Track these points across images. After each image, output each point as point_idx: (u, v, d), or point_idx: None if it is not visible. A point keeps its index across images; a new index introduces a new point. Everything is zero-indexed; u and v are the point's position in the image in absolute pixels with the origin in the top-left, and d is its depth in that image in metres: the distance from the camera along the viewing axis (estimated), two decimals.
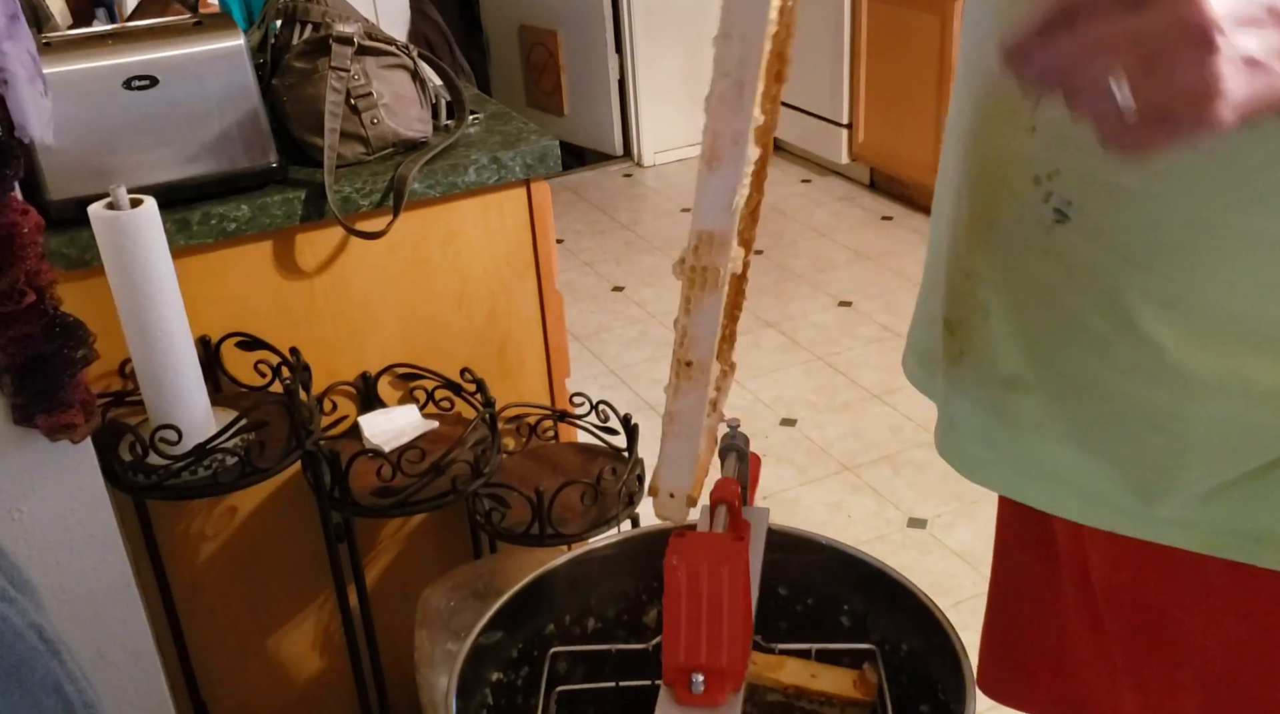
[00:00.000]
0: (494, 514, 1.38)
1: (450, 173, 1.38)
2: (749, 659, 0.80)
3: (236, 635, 1.54)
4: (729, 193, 0.61)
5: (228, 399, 1.36)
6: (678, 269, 0.66)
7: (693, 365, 0.67)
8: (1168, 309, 0.63)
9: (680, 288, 0.66)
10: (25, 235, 1.02)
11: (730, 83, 0.57)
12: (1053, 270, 0.67)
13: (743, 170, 0.60)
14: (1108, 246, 0.63)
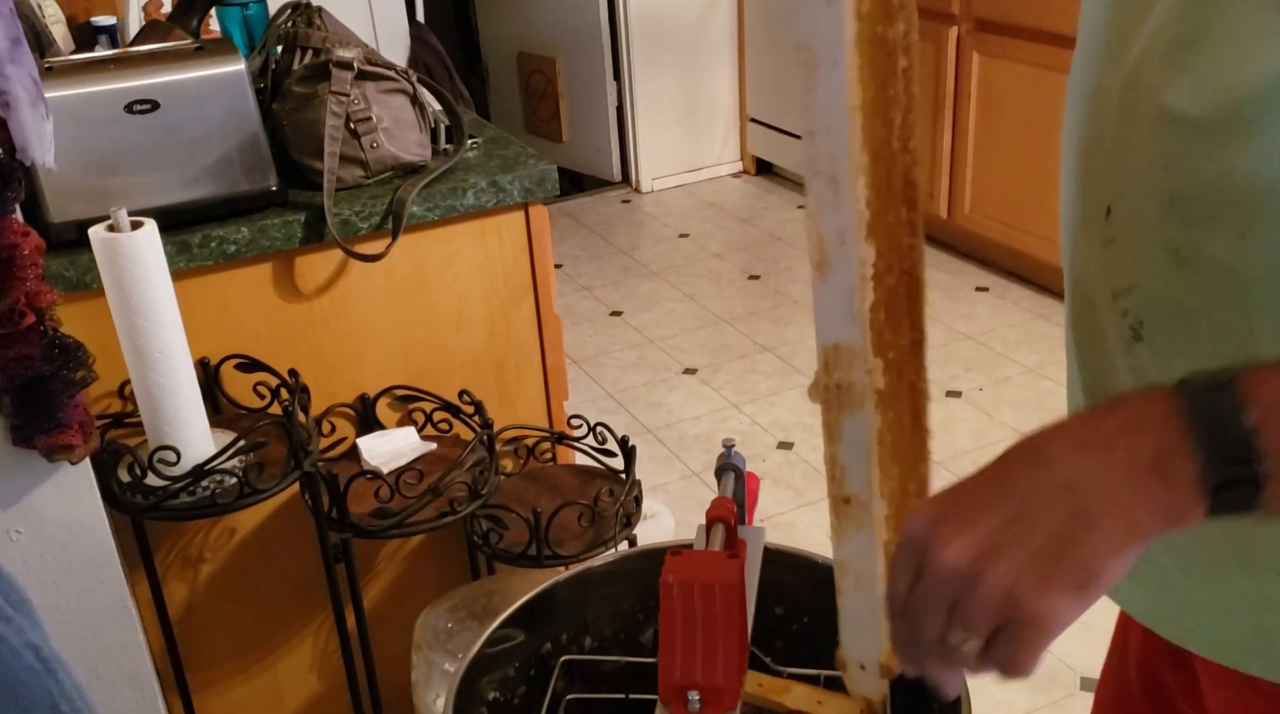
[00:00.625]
0: (492, 535, 1.39)
1: (449, 196, 1.39)
2: (746, 679, 0.80)
3: (233, 656, 1.54)
4: (847, 297, 0.55)
5: (226, 421, 1.36)
6: (813, 392, 0.59)
7: (851, 501, 0.59)
8: None
9: (820, 414, 0.57)
10: (25, 257, 1.03)
11: (824, 180, 0.52)
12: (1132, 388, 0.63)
13: (857, 272, 0.54)
14: (1180, 368, 0.55)
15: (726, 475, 0.95)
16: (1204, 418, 0.48)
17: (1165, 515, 0.49)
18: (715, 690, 0.77)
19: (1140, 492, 0.49)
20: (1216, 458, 0.47)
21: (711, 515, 0.88)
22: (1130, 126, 0.60)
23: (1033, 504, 0.50)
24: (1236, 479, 0.47)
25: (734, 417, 2.71)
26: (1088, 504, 0.49)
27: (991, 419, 2.64)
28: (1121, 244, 0.61)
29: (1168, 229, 0.57)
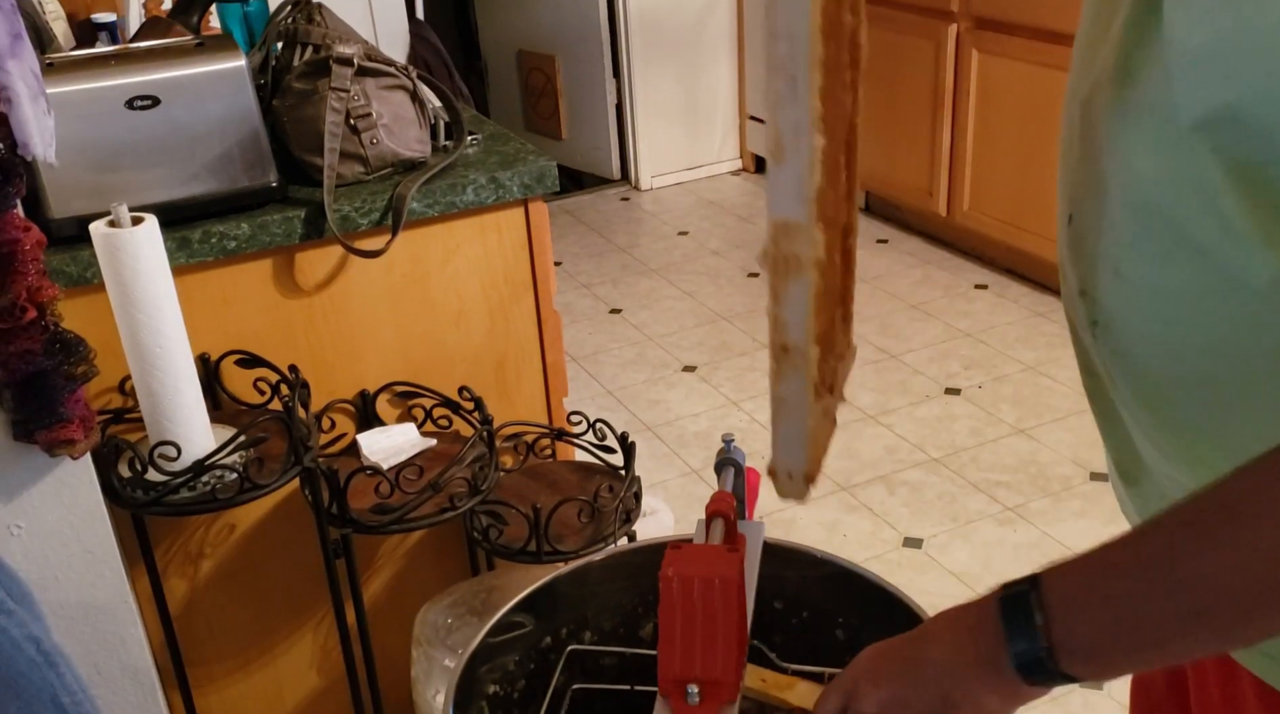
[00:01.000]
0: (491, 531, 1.39)
1: (448, 192, 1.39)
2: (749, 673, 0.80)
3: (233, 652, 1.54)
4: (797, 182, 0.62)
5: (227, 416, 1.37)
6: (762, 260, 0.67)
7: (789, 349, 0.69)
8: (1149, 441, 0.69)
9: (768, 279, 0.67)
10: (27, 252, 1.03)
11: (784, 78, 0.59)
12: (1097, 382, 0.73)
13: (808, 159, 0.62)
14: (1127, 365, 0.67)
15: (726, 470, 0.95)
16: (1009, 621, 0.61)
17: (1003, 696, 0.63)
18: (715, 683, 0.77)
19: (981, 681, 0.63)
20: (1019, 651, 0.60)
21: (711, 510, 0.88)
22: (1085, 142, 0.66)
23: (920, 682, 0.66)
24: (1038, 665, 0.60)
25: (733, 414, 2.71)
26: (950, 692, 0.65)
27: (990, 416, 2.64)
28: (1081, 250, 0.68)
29: (1108, 243, 0.64)
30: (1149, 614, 0.56)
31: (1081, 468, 2.42)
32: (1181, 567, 0.55)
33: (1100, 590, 0.58)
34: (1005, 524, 2.27)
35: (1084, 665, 0.59)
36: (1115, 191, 0.63)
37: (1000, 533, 2.25)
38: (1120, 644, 0.58)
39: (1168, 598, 0.55)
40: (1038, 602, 0.60)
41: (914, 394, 2.78)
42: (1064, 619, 0.59)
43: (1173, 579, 0.55)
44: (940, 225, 3.57)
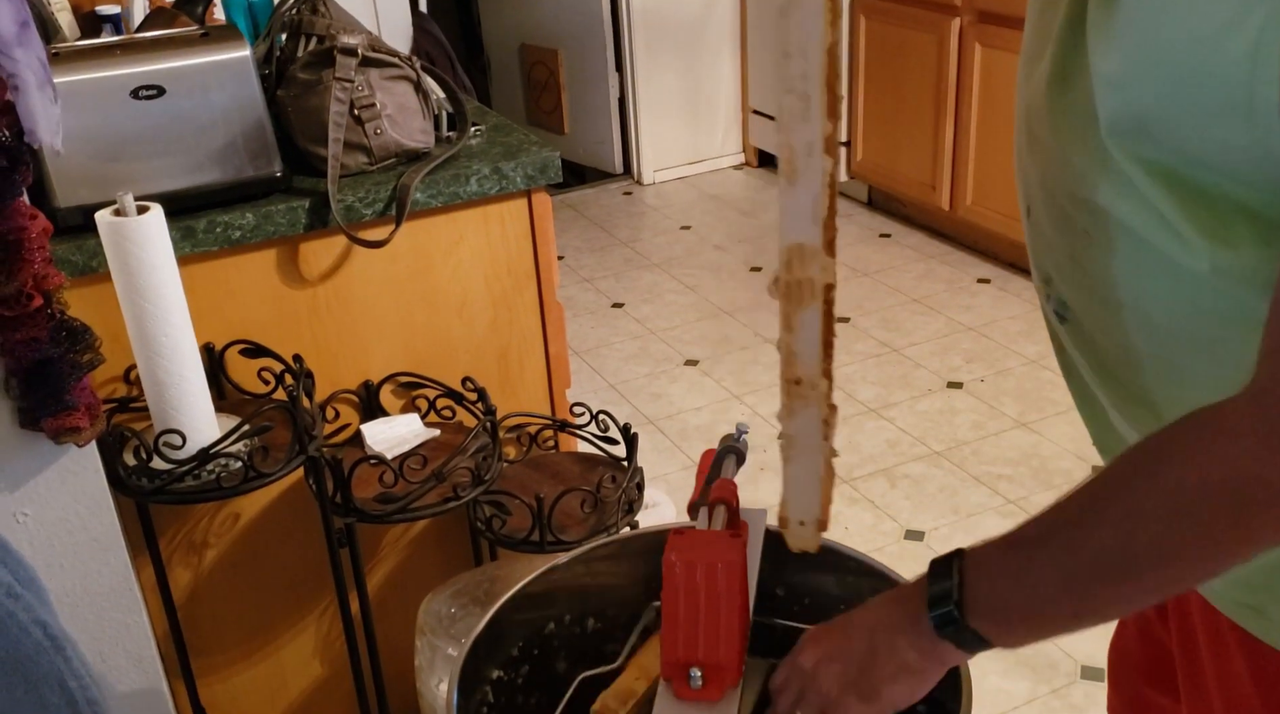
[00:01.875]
0: (495, 521, 1.39)
1: (452, 183, 1.39)
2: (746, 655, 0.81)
3: (237, 640, 1.55)
4: (811, 203, 0.62)
5: (231, 405, 1.37)
6: (773, 288, 0.67)
7: (802, 382, 0.68)
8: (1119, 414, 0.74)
9: (779, 306, 0.67)
10: (33, 240, 1.04)
11: (796, 97, 0.59)
12: (1068, 359, 0.79)
13: (821, 180, 0.62)
14: (1092, 348, 0.73)
15: (728, 458, 0.95)
16: (931, 582, 0.69)
17: (921, 651, 0.70)
18: (717, 667, 0.78)
19: (904, 634, 0.71)
20: (934, 606, 0.68)
21: (714, 497, 0.89)
22: (1032, 142, 0.72)
23: (851, 638, 0.74)
24: (949, 619, 0.68)
25: (735, 408, 2.72)
26: (876, 644, 0.72)
27: (993, 410, 2.65)
28: (1039, 240, 0.74)
29: (1064, 233, 0.70)
30: (1038, 576, 0.64)
31: (1083, 461, 2.42)
32: (1063, 536, 0.63)
33: (1005, 556, 0.67)
34: (1007, 517, 2.27)
35: (988, 622, 0.67)
36: (1060, 187, 0.69)
37: (1002, 526, 2.24)
38: (1017, 603, 0.66)
39: (1053, 562, 0.63)
40: (958, 566, 0.68)
41: (916, 387, 2.78)
42: (974, 581, 0.67)
43: (1056, 546, 0.64)
44: (943, 219, 3.57)
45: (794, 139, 0.61)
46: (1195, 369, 0.66)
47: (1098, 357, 0.73)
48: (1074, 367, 0.78)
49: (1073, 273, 0.71)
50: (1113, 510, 0.61)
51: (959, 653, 0.69)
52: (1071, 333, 0.75)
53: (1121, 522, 0.61)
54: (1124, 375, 0.71)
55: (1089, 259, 0.68)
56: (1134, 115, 0.60)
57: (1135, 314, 0.67)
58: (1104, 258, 0.67)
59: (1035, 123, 0.71)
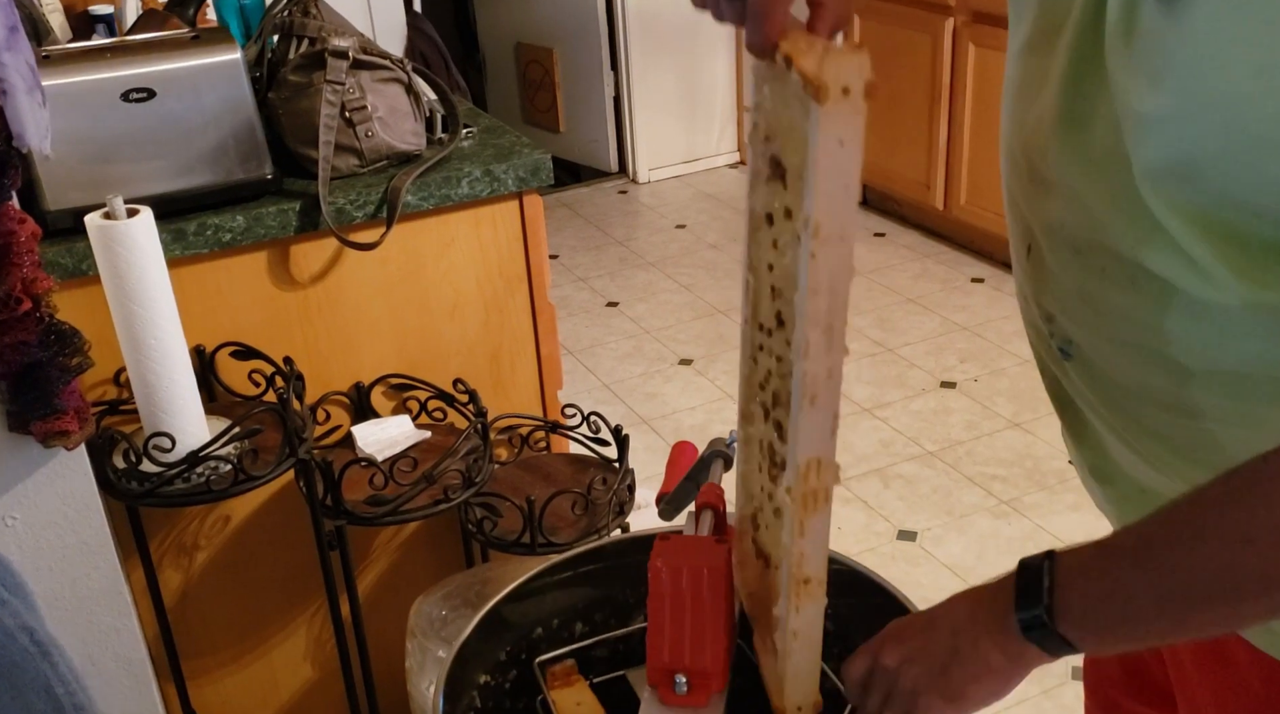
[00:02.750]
0: (486, 523, 1.39)
1: (443, 185, 1.39)
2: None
3: (228, 643, 1.55)
4: (830, 421, 0.66)
5: (222, 408, 1.37)
6: (786, 498, 0.70)
7: (810, 581, 0.72)
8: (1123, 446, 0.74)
9: (791, 513, 0.69)
10: (22, 243, 1.03)
11: (821, 331, 0.63)
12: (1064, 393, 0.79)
13: (838, 399, 0.66)
14: (1102, 385, 0.73)
15: (716, 463, 0.96)
16: (1020, 584, 0.68)
17: (1008, 654, 0.69)
18: (703, 674, 0.78)
19: (989, 637, 0.69)
20: (1024, 609, 0.67)
21: (701, 502, 0.89)
22: (1034, 182, 0.71)
23: (935, 637, 0.73)
24: (1038, 623, 0.66)
25: (729, 408, 2.72)
26: (960, 645, 0.71)
27: (986, 410, 2.65)
28: (1042, 278, 0.73)
29: (1075, 273, 0.69)
30: (1134, 591, 0.63)
31: None
32: (1164, 555, 0.62)
33: (1100, 565, 0.65)
34: (1000, 517, 2.28)
35: (1078, 630, 0.65)
36: (1072, 229, 0.68)
37: (995, 526, 2.26)
38: (1109, 615, 0.64)
39: (1150, 578, 0.62)
40: (1049, 569, 0.67)
41: (910, 387, 2.78)
42: (1066, 586, 0.65)
43: (1157, 562, 0.62)
44: (937, 219, 3.57)
45: (817, 367, 0.64)
46: (1219, 403, 0.65)
47: (1106, 392, 0.72)
48: (1071, 400, 0.77)
49: (1082, 311, 0.70)
50: (1217, 533, 0.59)
51: (1043, 655, 0.68)
52: (1077, 370, 0.74)
53: (1227, 545, 0.59)
54: (1137, 410, 0.70)
55: (1103, 298, 0.67)
56: (1181, 156, 0.58)
57: (1154, 352, 0.66)
58: (1121, 297, 0.66)
59: (1040, 164, 0.70)
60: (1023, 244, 0.76)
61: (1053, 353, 0.75)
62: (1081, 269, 0.68)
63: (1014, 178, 0.76)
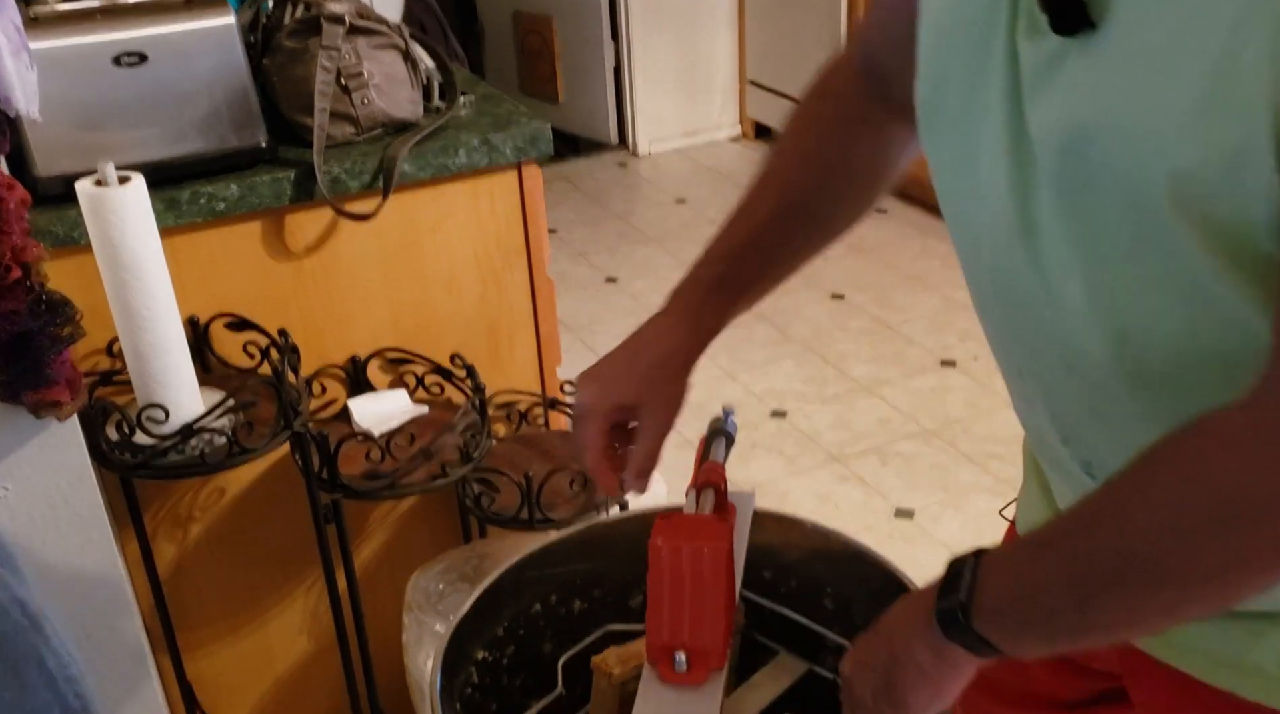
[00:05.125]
0: (483, 499, 1.38)
1: (440, 154, 1.37)
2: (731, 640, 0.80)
3: (224, 616, 1.54)
4: None
5: (216, 380, 1.36)
6: None
7: None
8: None
9: None
10: (11, 210, 1.02)
11: None
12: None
13: None
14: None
15: (717, 441, 0.94)
16: (945, 581, 0.66)
17: (935, 652, 0.67)
18: (702, 651, 0.77)
19: (918, 636, 0.68)
20: (942, 606, 0.66)
21: (702, 480, 0.88)
22: (1010, 304, 0.67)
23: (877, 644, 0.72)
24: (954, 621, 0.65)
25: (728, 385, 2.71)
26: (895, 649, 0.70)
27: (985, 388, 2.64)
28: (1041, 401, 0.70)
29: (1074, 389, 0.66)
30: (1044, 583, 0.62)
31: None
32: (1068, 542, 0.61)
33: (1017, 559, 0.65)
34: (998, 496, 2.27)
35: (993, 627, 0.64)
36: (1058, 340, 0.64)
37: (993, 505, 2.25)
38: (1022, 610, 0.63)
39: (1056, 569, 0.61)
40: (973, 567, 0.65)
41: (909, 365, 2.77)
42: (984, 582, 0.64)
43: (1061, 551, 0.61)
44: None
45: None
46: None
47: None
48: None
49: (1094, 428, 0.67)
50: (1108, 519, 0.58)
51: (970, 657, 0.66)
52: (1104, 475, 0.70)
53: (1117, 533, 0.57)
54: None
55: (1113, 411, 0.64)
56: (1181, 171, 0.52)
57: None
58: (1130, 404, 0.62)
59: (1005, 287, 0.66)
60: (1014, 367, 0.72)
61: (1077, 472, 0.71)
62: (1077, 389, 0.65)
63: (987, 298, 0.71)
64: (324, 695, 1.63)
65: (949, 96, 0.66)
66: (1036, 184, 0.60)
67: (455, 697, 0.87)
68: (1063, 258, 0.60)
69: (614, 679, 0.80)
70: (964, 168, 0.66)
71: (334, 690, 1.57)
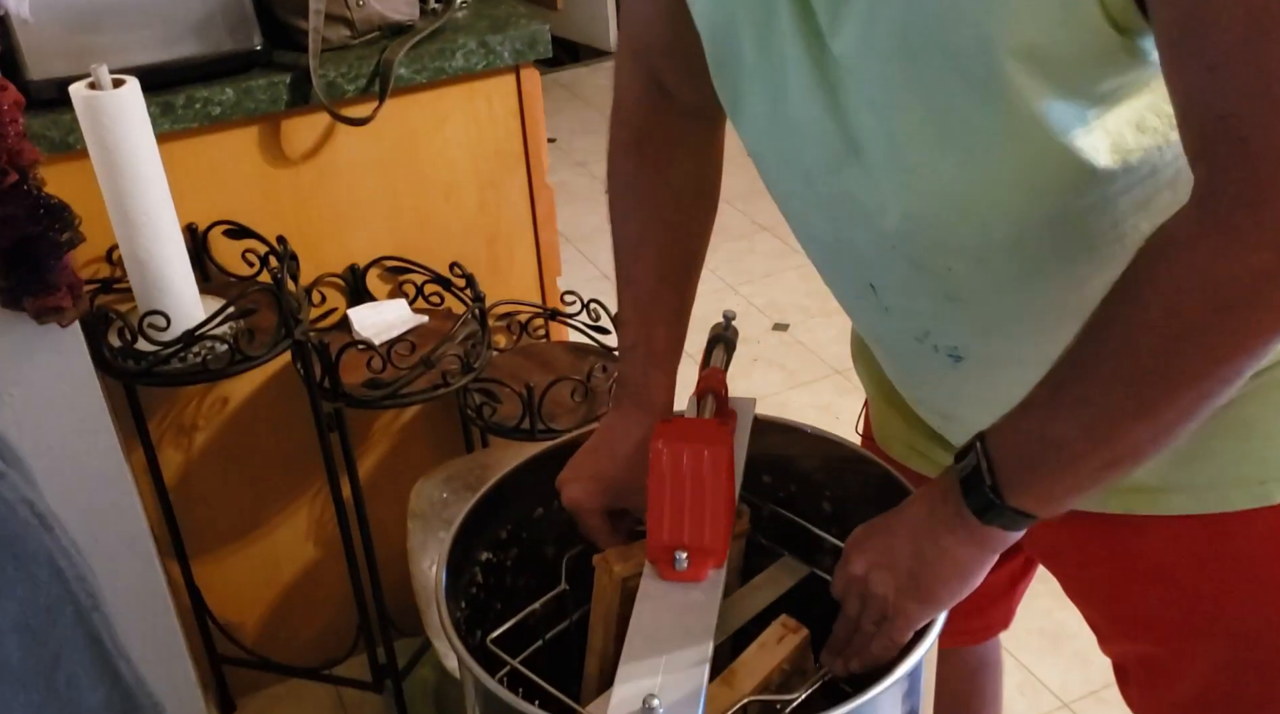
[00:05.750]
0: (485, 409, 1.39)
1: (437, 57, 1.35)
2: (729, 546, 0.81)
3: (230, 522, 1.57)
4: None
5: (216, 288, 1.35)
6: None
7: None
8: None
9: None
10: (4, 113, 1.00)
11: None
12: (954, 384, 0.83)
13: None
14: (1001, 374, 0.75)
15: (717, 347, 0.94)
16: (963, 475, 0.69)
17: (974, 544, 0.70)
18: (702, 551, 0.78)
19: (951, 534, 0.71)
20: (973, 498, 0.68)
21: (702, 386, 0.88)
22: (853, 223, 0.73)
23: (897, 543, 0.73)
24: (990, 506, 0.67)
25: (730, 298, 2.70)
26: (922, 547, 0.72)
27: None
28: (897, 307, 0.77)
29: (927, 284, 0.73)
30: (1063, 437, 0.64)
31: None
32: (1073, 390, 0.64)
33: (1024, 429, 0.67)
34: None
35: (1027, 496, 0.67)
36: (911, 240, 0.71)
37: None
38: (1049, 469, 0.66)
39: (1070, 419, 0.64)
40: (982, 451, 0.68)
41: None
42: (1002, 460, 0.67)
43: (1070, 401, 0.64)
44: None
45: None
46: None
47: (1002, 366, 0.76)
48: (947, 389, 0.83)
49: (953, 312, 0.74)
50: (1110, 349, 0.61)
51: (1007, 535, 0.69)
52: (972, 368, 0.78)
53: (1122, 357, 0.61)
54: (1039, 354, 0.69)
55: (969, 289, 0.72)
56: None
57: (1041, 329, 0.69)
58: (981, 276, 0.70)
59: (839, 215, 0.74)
60: (864, 285, 0.78)
61: (943, 362, 0.78)
62: (929, 282, 0.72)
63: (821, 238, 0.78)
64: (331, 601, 1.66)
65: (741, 53, 0.72)
66: (852, 105, 0.67)
67: (460, 596, 0.88)
68: (893, 163, 0.67)
69: (615, 575, 0.81)
70: (774, 113, 0.72)
71: (341, 596, 1.60)
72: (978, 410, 0.73)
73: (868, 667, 0.77)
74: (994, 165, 0.64)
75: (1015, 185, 0.65)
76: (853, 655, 0.78)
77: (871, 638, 0.76)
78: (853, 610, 0.77)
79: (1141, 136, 0.63)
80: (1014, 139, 0.62)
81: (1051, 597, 1.87)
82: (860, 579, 0.75)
